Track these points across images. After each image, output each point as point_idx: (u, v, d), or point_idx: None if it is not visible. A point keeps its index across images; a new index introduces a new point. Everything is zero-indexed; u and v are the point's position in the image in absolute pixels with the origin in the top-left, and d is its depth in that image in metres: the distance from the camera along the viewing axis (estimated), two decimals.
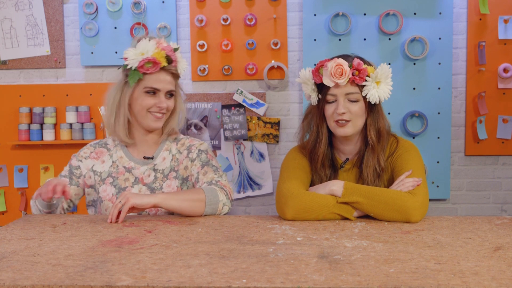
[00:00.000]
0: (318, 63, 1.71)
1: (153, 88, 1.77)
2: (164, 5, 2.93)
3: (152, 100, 1.78)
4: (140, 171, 1.84)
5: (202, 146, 1.88)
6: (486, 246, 1.31)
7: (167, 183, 1.83)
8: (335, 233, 1.45)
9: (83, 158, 1.87)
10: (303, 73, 1.76)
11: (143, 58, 1.74)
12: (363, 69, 1.65)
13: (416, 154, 1.74)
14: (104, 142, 1.92)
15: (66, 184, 1.64)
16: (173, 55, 1.78)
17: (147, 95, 1.78)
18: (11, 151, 3.00)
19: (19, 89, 2.99)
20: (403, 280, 1.06)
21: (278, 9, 2.92)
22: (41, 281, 1.08)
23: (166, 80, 1.79)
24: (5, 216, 3.01)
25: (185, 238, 1.42)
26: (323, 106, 1.72)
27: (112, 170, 1.85)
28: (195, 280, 1.08)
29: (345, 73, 1.64)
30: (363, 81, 1.66)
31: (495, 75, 2.88)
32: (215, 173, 1.81)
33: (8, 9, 2.96)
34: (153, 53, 1.75)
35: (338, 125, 1.70)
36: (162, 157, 1.86)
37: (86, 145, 1.92)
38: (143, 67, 1.74)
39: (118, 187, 1.83)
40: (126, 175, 1.84)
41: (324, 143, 1.75)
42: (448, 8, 2.85)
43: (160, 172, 1.84)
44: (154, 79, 1.77)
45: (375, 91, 1.67)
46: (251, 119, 2.95)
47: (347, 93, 1.67)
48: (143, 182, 1.83)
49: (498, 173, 2.97)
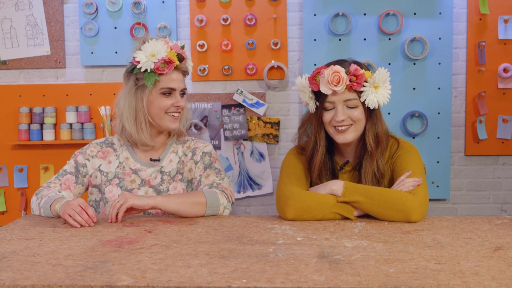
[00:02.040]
0: (314, 71, 1.69)
1: (169, 89, 1.76)
2: (164, 5, 2.93)
3: (169, 101, 1.77)
4: (147, 173, 1.83)
5: (206, 148, 1.87)
6: (486, 246, 1.31)
7: (173, 185, 1.83)
8: (335, 233, 1.45)
9: (90, 157, 1.84)
10: (300, 81, 1.73)
11: (158, 59, 1.72)
12: (361, 75, 1.63)
13: (416, 154, 1.73)
14: (110, 141, 1.89)
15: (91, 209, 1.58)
16: (183, 52, 1.79)
17: (163, 96, 1.76)
18: (11, 151, 3.00)
19: (19, 89, 2.99)
20: (403, 280, 1.06)
21: (278, 9, 2.92)
22: (41, 281, 1.08)
23: (179, 78, 1.79)
24: (5, 216, 3.01)
25: (185, 238, 1.42)
26: (321, 113, 1.70)
27: (119, 171, 1.83)
28: (195, 280, 1.08)
29: (342, 80, 1.62)
30: (361, 87, 1.64)
31: (495, 75, 2.88)
32: (217, 175, 1.80)
33: (8, 9, 2.96)
34: (166, 53, 1.74)
35: (337, 132, 1.68)
36: (169, 159, 1.85)
37: (91, 143, 1.89)
38: (158, 68, 1.73)
39: (125, 188, 1.81)
40: (133, 177, 1.82)
41: (322, 151, 1.72)
42: (448, 8, 2.85)
43: (167, 175, 1.83)
44: (168, 79, 1.76)
45: (374, 96, 1.64)
46: (251, 119, 2.95)
47: (346, 100, 1.65)
48: (150, 184, 1.82)
49: (498, 173, 2.97)
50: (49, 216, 1.70)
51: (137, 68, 1.75)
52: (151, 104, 1.76)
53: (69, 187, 1.79)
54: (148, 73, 1.73)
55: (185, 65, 1.81)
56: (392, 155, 1.75)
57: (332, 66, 1.64)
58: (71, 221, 1.55)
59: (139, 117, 1.77)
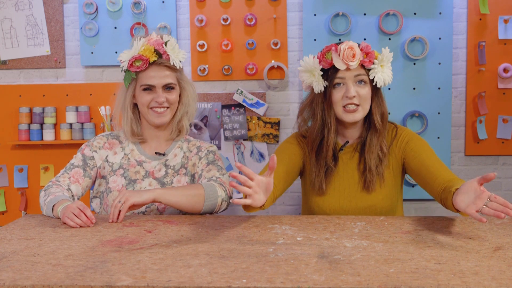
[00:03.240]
0: (324, 49, 1.72)
1: (147, 85, 1.80)
2: (164, 5, 2.93)
3: (149, 96, 1.80)
4: (152, 165, 1.86)
5: (211, 148, 1.92)
6: (486, 246, 1.31)
7: (177, 178, 1.85)
8: (335, 233, 1.45)
9: (97, 149, 1.88)
10: (307, 60, 1.73)
11: (134, 56, 1.77)
12: (371, 52, 1.69)
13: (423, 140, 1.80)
14: (116, 134, 1.93)
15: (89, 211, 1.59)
16: (161, 48, 1.79)
17: (145, 92, 1.81)
18: (11, 151, 3.00)
19: (19, 89, 2.99)
20: (403, 280, 1.06)
21: (278, 9, 2.92)
22: (41, 281, 1.08)
23: (160, 74, 1.79)
24: (5, 216, 3.01)
25: (185, 238, 1.42)
26: (330, 92, 1.72)
27: (124, 162, 1.86)
28: (195, 280, 1.08)
29: (356, 56, 1.66)
30: (371, 64, 1.69)
31: (495, 75, 2.87)
32: (219, 171, 1.83)
33: (8, 9, 2.96)
34: (139, 51, 1.78)
35: (346, 111, 1.70)
36: (174, 154, 1.89)
37: (98, 136, 1.93)
38: (133, 66, 1.78)
39: (129, 178, 1.84)
40: (137, 168, 1.85)
41: (334, 131, 1.75)
42: (448, 8, 2.85)
43: (171, 168, 1.86)
44: (146, 76, 1.79)
45: (381, 74, 1.71)
46: (251, 119, 2.95)
47: (356, 75, 1.68)
48: (154, 176, 1.85)
49: (498, 173, 2.97)
50: (49, 215, 1.70)
51: (121, 68, 1.84)
52: (137, 100, 1.84)
53: (78, 181, 1.82)
54: (127, 72, 1.81)
55: (168, 60, 1.79)
56: (393, 139, 1.79)
57: (347, 42, 1.68)
58: (71, 223, 1.56)
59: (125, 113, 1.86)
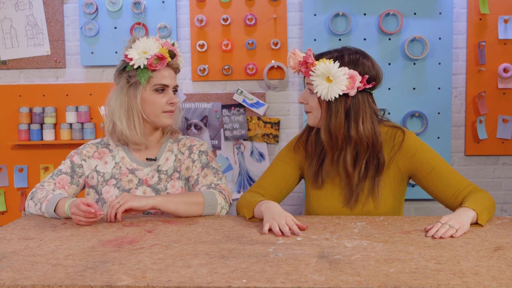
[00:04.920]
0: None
1: (162, 85, 1.77)
2: (164, 5, 2.93)
3: (164, 98, 1.77)
4: (144, 172, 1.82)
5: (202, 147, 1.87)
6: (486, 246, 1.31)
7: (171, 183, 1.83)
8: (335, 233, 1.45)
9: (87, 158, 1.83)
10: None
11: (151, 55, 1.73)
12: (309, 63, 1.65)
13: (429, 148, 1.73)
14: (105, 142, 1.88)
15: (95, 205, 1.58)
16: (174, 49, 1.80)
17: (157, 93, 1.77)
18: (11, 151, 3.00)
19: (19, 89, 2.99)
20: (403, 280, 1.06)
21: (278, 9, 2.92)
22: (41, 281, 1.08)
23: (171, 75, 1.80)
24: (5, 216, 3.01)
25: (185, 238, 1.42)
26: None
27: (115, 172, 1.82)
28: (195, 280, 1.08)
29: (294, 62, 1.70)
30: (308, 75, 1.67)
31: (495, 75, 2.87)
32: (215, 175, 1.82)
33: (8, 9, 2.96)
34: (158, 49, 1.74)
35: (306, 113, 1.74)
36: (165, 158, 1.85)
37: (87, 143, 1.88)
38: (151, 64, 1.74)
39: (122, 188, 1.81)
40: (130, 177, 1.82)
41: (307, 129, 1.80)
42: (448, 8, 2.85)
43: (164, 173, 1.83)
44: (161, 76, 1.77)
45: (324, 87, 1.61)
46: (251, 119, 2.95)
47: (307, 82, 1.71)
48: (147, 184, 1.82)
49: (498, 173, 2.97)
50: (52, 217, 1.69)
51: (130, 66, 1.75)
52: (145, 101, 1.76)
53: (64, 187, 1.79)
54: (141, 70, 1.74)
55: (177, 62, 1.82)
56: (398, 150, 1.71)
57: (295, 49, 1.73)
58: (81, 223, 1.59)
59: (131, 115, 1.76)
